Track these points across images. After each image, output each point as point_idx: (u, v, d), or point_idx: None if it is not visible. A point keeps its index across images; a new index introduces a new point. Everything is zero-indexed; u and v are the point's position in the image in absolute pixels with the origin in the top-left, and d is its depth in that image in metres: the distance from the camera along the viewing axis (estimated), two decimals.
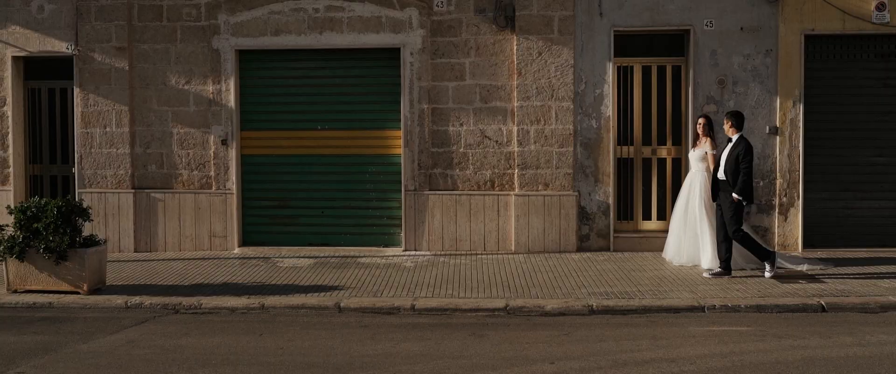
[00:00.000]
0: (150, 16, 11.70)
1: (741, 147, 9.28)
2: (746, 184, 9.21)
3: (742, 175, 9.20)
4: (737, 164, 9.25)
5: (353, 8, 11.37)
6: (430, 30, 11.28)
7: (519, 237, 11.24)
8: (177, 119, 11.73)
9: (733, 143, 9.38)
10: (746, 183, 9.21)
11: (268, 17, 11.49)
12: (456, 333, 7.63)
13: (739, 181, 9.20)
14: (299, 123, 11.72)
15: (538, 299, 8.68)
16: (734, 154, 9.30)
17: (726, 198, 9.35)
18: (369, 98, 11.61)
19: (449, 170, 11.39)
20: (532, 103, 11.17)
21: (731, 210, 9.32)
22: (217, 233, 11.72)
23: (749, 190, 9.27)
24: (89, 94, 11.79)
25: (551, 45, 11.10)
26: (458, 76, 11.30)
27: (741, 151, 9.24)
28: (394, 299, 8.84)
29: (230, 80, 11.57)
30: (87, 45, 11.77)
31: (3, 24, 12.00)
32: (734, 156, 9.29)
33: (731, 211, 9.32)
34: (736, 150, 9.30)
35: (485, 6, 11.23)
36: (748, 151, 9.27)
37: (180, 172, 11.78)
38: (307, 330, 7.81)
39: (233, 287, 9.52)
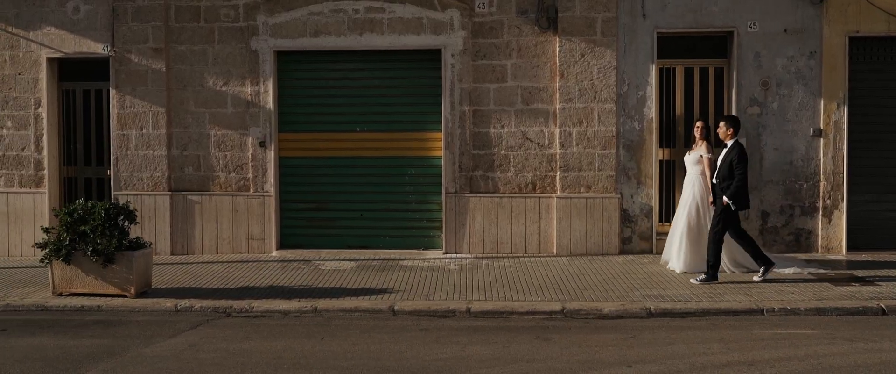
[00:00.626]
0: (188, 17, 11.64)
1: (735, 153, 9.24)
2: (740, 189, 9.19)
3: (736, 180, 9.16)
4: (730, 169, 9.22)
5: (393, 9, 11.32)
6: (471, 31, 11.23)
7: (561, 240, 11.19)
8: (214, 121, 11.66)
9: (728, 148, 9.36)
10: (740, 188, 9.19)
11: (307, 19, 11.43)
12: (520, 336, 7.57)
13: (732, 186, 9.16)
14: (338, 125, 11.66)
15: (595, 302, 8.63)
16: (728, 160, 9.27)
17: (719, 202, 9.36)
18: (409, 100, 11.56)
19: (490, 172, 11.34)
20: (574, 105, 11.12)
21: (722, 214, 9.28)
22: (255, 236, 11.65)
23: (742, 195, 9.25)
24: (125, 95, 11.72)
25: (594, 47, 11.07)
26: (500, 78, 11.26)
27: (735, 157, 9.21)
28: (447, 302, 8.78)
29: (268, 81, 11.51)
30: (123, 46, 11.70)
31: (37, 25, 11.92)
32: (728, 161, 9.27)
33: (723, 215, 9.27)
34: (730, 155, 9.28)
35: (527, 7, 11.19)
36: (742, 156, 9.24)
37: (217, 175, 11.71)
38: (368, 334, 7.75)
39: (280, 290, 9.46)
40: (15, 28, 12.00)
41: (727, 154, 9.32)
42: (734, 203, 9.19)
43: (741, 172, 9.16)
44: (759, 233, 11.03)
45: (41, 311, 8.98)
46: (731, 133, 9.39)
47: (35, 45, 11.96)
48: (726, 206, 9.21)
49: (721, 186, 9.30)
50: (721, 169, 9.35)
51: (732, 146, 9.31)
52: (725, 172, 9.26)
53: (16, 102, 12.05)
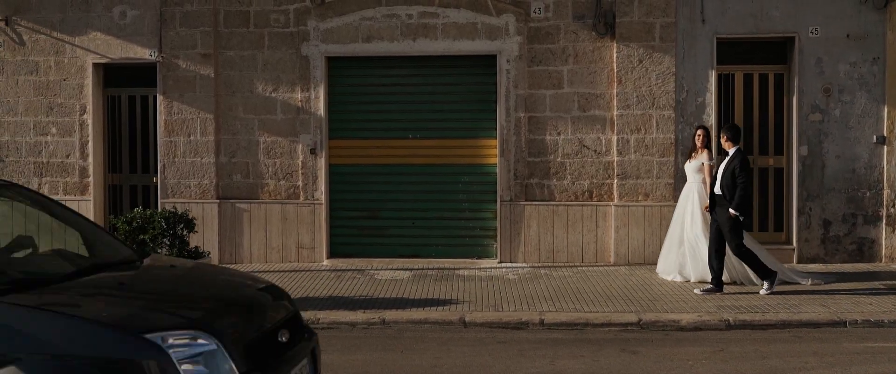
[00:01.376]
0: (237, 22, 11.49)
1: (737, 161, 9.10)
2: (744, 198, 9.05)
3: (739, 189, 9.01)
4: (733, 178, 9.07)
5: (447, 14, 11.18)
6: (527, 36, 11.09)
7: (618, 249, 11.04)
8: (263, 127, 11.51)
9: (729, 157, 9.21)
10: (744, 197, 9.05)
11: (359, 24, 11.29)
12: (604, 349, 7.42)
13: (737, 196, 9.02)
14: (390, 131, 11.51)
15: (670, 314, 8.47)
16: (730, 168, 9.13)
17: (723, 213, 9.18)
18: (463, 106, 11.42)
19: (546, 180, 11.19)
20: (632, 112, 10.97)
21: (728, 225, 9.14)
22: (305, 244, 11.49)
23: (747, 204, 9.11)
24: (173, 101, 11.57)
25: (652, 53, 10.92)
26: (556, 84, 11.11)
27: (737, 165, 9.06)
28: (518, 313, 8.62)
29: (319, 87, 11.36)
30: (171, 51, 11.56)
31: (83, 30, 11.78)
32: (730, 170, 9.12)
33: (729, 226, 9.14)
34: (732, 164, 9.13)
35: (584, 13, 11.05)
36: (744, 164, 9.09)
37: (267, 182, 11.55)
38: (445, 346, 7.60)
39: (341, 301, 9.30)
40: (60, 33, 11.86)
41: (729, 163, 9.18)
42: (741, 213, 9.05)
43: (744, 180, 9.02)
44: (820, 242, 10.88)
45: None
46: (730, 142, 9.24)
47: (80, 50, 11.82)
48: (735, 217, 9.06)
49: (725, 195, 9.15)
50: (723, 178, 9.19)
51: (734, 154, 9.17)
52: (728, 180, 9.11)
53: (61, 109, 11.90)
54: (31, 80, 11.98)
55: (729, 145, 9.27)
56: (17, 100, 12.01)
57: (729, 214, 9.06)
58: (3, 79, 12.03)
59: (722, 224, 9.21)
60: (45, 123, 11.96)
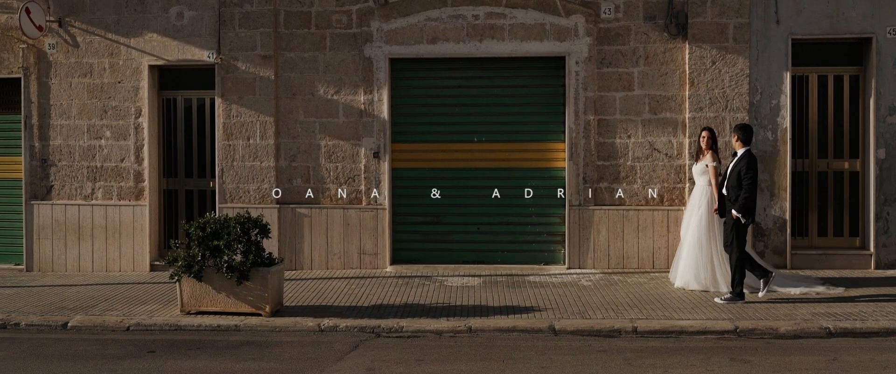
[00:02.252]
0: (298, 23, 11.29)
1: (744, 162, 8.98)
2: (749, 201, 8.90)
3: (744, 191, 8.89)
4: (739, 179, 8.95)
5: (515, 15, 10.98)
6: (596, 38, 10.89)
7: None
8: (325, 131, 11.30)
9: (737, 157, 9.10)
10: (749, 200, 8.90)
11: (424, 25, 11.09)
12: (713, 358, 7.21)
13: (740, 197, 8.89)
14: (454, 134, 11.31)
15: (767, 321, 8.25)
16: (737, 169, 9.02)
17: (729, 215, 9.09)
18: (530, 109, 11.21)
19: (615, 184, 10.97)
20: (705, 114, 10.76)
21: (730, 224, 9.03)
22: (367, 250, 11.27)
23: (751, 207, 8.94)
24: (232, 104, 11.37)
25: (725, 54, 10.71)
26: (626, 86, 10.90)
27: (743, 167, 8.94)
28: (608, 321, 8.40)
29: (383, 89, 11.15)
30: (229, 53, 11.36)
31: (138, 31, 11.59)
32: (737, 171, 9.01)
33: (730, 225, 9.02)
34: (739, 165, 9.02)
35: (655, 13, 10.84)
36: (751, 165, 8.95)
37: (328, 187, 11.34)
38: (545, 355, 7.38)
39: (418, 309, 9.08)
40: (115, 35, 11.67)
41: (736, 164, 9.06)
42: (743, 216, 8.92)
43: (749, 182, 8.89)
44: None
45: (174, 330, 8.61)
46: (740, 142, 9.10)
47: (136, 52, 11.62)
48: (737, 219, 8.93)
49: (730, 196, 9.04)
50: (729, 179, 9.09)
51: (742, 155, 9.05)
52: (734, 181, 9.01)
53: (115, 112, 11.70)
54: (84, 82, 11.78)
55: (739, 146, 9.14)
56: (71, 103, 11.81)
57: (732, 214, 8.96)
58: (56, 81, 11.83)
59: (726, 223, 9.10)
60: (99, 127, 11.76)
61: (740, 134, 9.14)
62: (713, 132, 9.81)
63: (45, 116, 11.86)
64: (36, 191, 11.93)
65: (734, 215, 8.94)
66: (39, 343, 8.13)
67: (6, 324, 8.88)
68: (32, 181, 11.92)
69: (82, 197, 11.83)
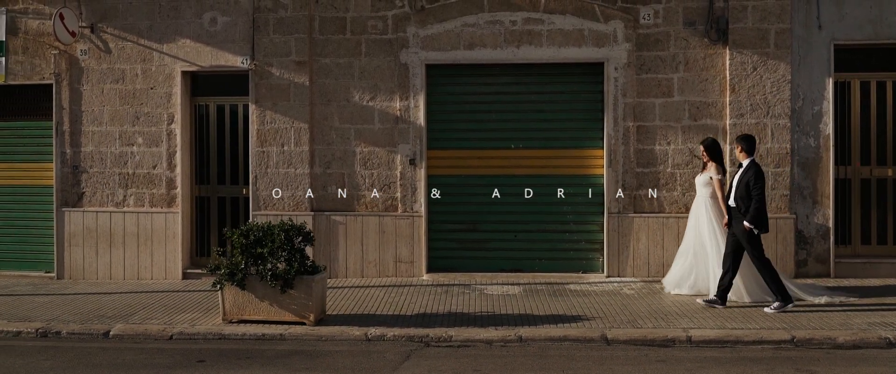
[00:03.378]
0: (333, 28, 11.20)
1: (751, 173, 8.97)
2: (759, 211, 8.89)
3: (754, 202, 8.87)
4: (747, 190, 8.94)
5: (553, 21, 10.89)
6: (635, 43, 10.80)
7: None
8: (360, 137, 11.20)
9: (744, 168, 9.10)
10: (759, 210, 8.89)
11: (461, 30, 11.00)
12: (777, 369, 7.14)
13: (751, 208, 8.87)
14: (491, 141, 11.21)
15: (824, 331, 8.14)
16: (744, 180, 9.01)
17: (739, 226, 9.02)
18: (568, 115, 11.12)
19: (655, 191, 10.86)
20: (746, 121, 10.66)
21: (745, 238, 9.00)
22: (403, 258, 11.15)
23: (762, 217, 8.93)
24: (266, 110, 11.27)
25: (767, 60, 10.62)
26: (666, 92, 10.80)
27: (751, 177, 8.93)
28: (661, 330, 8.29)
29: (419, 96, 11.06)
30: (264, 59, 11.27)
31: (171, 37, 11.50)
32: (744, 182, 8.99)
33: (746, 239, 8.99)
34: (746, 176, 9.01)
35: (695, 19, 10.75)
36: (759, 176, 8.95)
37: (363, 194, 11.23)
38: (604, 365, 7.29)
39: (463, 317, 8.98)
40: (147, 40, 11.59)
41: (743, 174, 9.06)
42: (756, 227, 8.90)
43: (758, 192, 8.89)
44: None
45: (219, 339, 8.51)
46: (744, 153, 9.13)
47: (169, 58, 11.53)
48: (750, 230, 8.90)
49: (739, 207, 9.02)
50: (737, 190, 9.08)
51: (748, 166, 9.06)
52: (742, 192, 8.99)
53: (147, 118, 11.60)
54: (116, 88, 11.69)
55: (743, 156, 9.17)
56: (102, 109, 11.72)
57: (744, 226, 8.91)
58: (88, 87, 11.75)
59: (740, 237, 9.05)
60: (131, 133, 11.66)
61: (744, 145, 9.16)
62: (712, 144, 9.71)
63: (77, 122, 11.76)
64: (67, 198, 11.82)
65: (746, 225, 8.89)
66: (84, 352, 8.03)
67: (47, 332, 8.78)
68: (63, 188, 11.82)
69: (114, 204, 11.73)
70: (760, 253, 9.02)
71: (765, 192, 8.98)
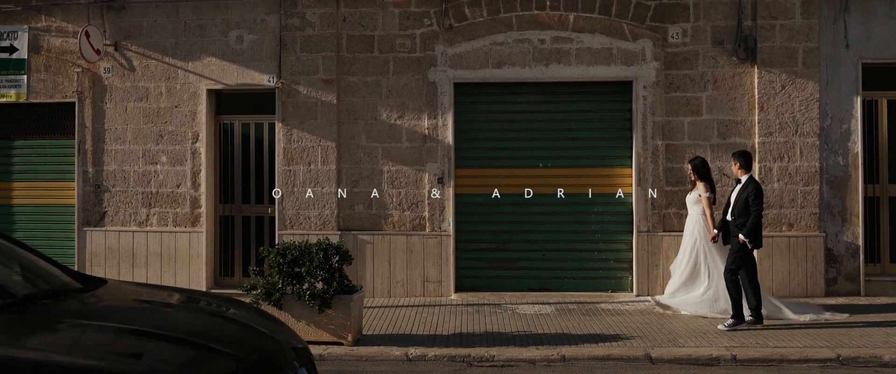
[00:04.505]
0: (360, 47, 11.23)
1: (751, 189, 9.13)
2: (755, 227, 9.04)
3: (752, 218, 9.03)
4: (747, 206, 9.07)
5: (581, 39, 10.95)
6: (664, 62, 10.87)
7: (762, 281, 10.65)
8: (387, 156, 11.19)
9: (742, 184, 9.27)
10: (756, 226, 9.05)
11: (489, 49, 11.04)
12: None
13: (749, 223, 9.02)
14: (519, 160, 11.22)
15: (868, 349, 8.15)
16: (743, 196, 9.15)
17: (735, 241, 9.18)
18: (596, 134, 11.16)
19: (684, 210, 10.87)
20: (775, 139, 10.73)
21: (735, 250, 9.14)
22: (431, 278, 11.12)
23: (757, 233, 9.08)
24: (292, 129, 11.26)
25: (795, 79, 10.71)
26: (694, 111, 10.86)
27: (751, 193, 9.08)
28: (703, 348, 8.31)
29: (447, 114, 11.08)
30: (290, 77, 11.27)
31: (197, 55, 11.50)
32: (744, 198, 9.13)
33: (737, 252, 9.13)
34: (745, 191, 9.16)
35: (723, 38, 10.83)
36: (758, 193, 9.11)
37: (390, 213, 11.20)
38: None
39: (501, 337, 8.96)
40: (173, 59, 11.58)
41: (742, 190, 9.22)
42: (750, 241, 9.03)
43: (757, 208, 9.03)
44: None
45: None
46: (742, 169, 9.30)
47: (194, 76, 11.51)
48: (743, 244, 9.03)
49: (736, 222, 9.16)
50: (736, 205, 9.23)
51: (747, 182, 9.21)
52: (741, 208, 9.14)
53: (171, 137, 11.56)
54: (140, 106, 11.66)
55: (741, 173, 9.33)
56: (126, 127, 11.67)
57: (739, 240, 9.05)
58: (111, 106, 11.71)
59: (732, 250, 9.19)
60: (155, 152, 11.61)
61: (741, 161, 9.33)
62: (700, 163, 9.89)
63: (100, 140, 11.71)
64: (89, 217, 11.75)
65: (741, 239, 9.02)
66: None
67: None
68: (85, 207, 11.74)
69: (136, 223, 11.66)
70: (737, 268, 9.12)
71: (762, 208, 9.10)
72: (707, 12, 10.89)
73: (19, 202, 12.13)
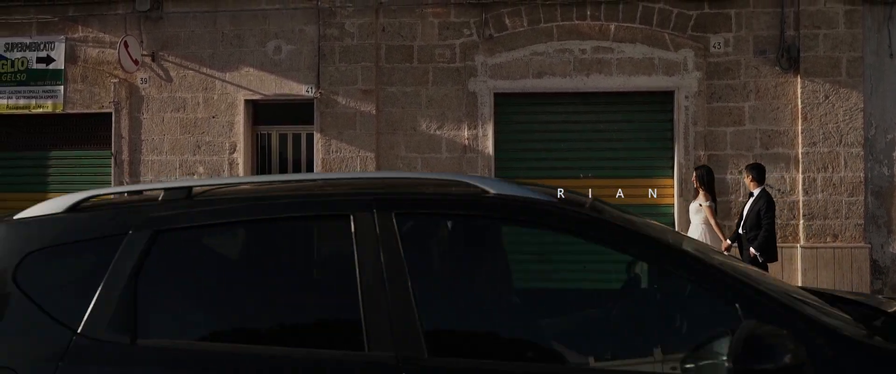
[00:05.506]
0: (399, 57, 11.23)
1: (763, 202, 9.12)
2: (767, 240, 9.02)
3: (764, 230, 9.00)
4: (758, 219, 9.06)
5: (622, 49, 10.94)
6: (705, 72, 10.85)
7: None
8: (427, 166, 11.19)
9: (755, 197, 9.26)
10: (767, 239, 9.02)
11: (530, 59, 11.04)
12: None
13: (760, 236, 9.00)
14: (560, 170, 11.20)
15: None
16: (755, 209, 9.14)
17: (747, 254, 9.17)
18: (636, 144, 11.13)
19: (726, 221, 10.84)
20: (819, 150, 10.69)
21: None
22: None
23: (770, 247, 9.06)
24: (331, 139, 11.25)
25: (839, 88, 10.68)
26: (737, 121, 10.83)
27: (763, 206, 9.07)
28: None
29: (488, 124, 11.07)
30: (329, 87, 11.27)
31: (234, 66, 11.51)
32: (755, 211, 9.13)
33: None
34: (757, 204, 9.15)
35: (766, 47, 10.81)
36: (770, 205, 9.10)
37: None
38: None
39: None
40: (210, 69, 11.60)
41: (754, 203, 9.19)
42: (762, 255, 9.00)
43: (769, 221, 9.01)
44: None
45: None
46: (754, 182, 9.30)
47: (231, 86, 11.52)
48: (754, 258, 9.00)
49: (747, 236, 9.15)
50: (748, 218, 9.22)
51: (759, 195, 9.21)
52: (753, 221, 9.13)
53: (209, 147, 11.57)
54: (177, 117, 11.66)
55: (754, 185, 9.32)
56: (163, 138, 11.68)
57: (750, 253, 9.04)
58: (148, 116, 11.71)
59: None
60: (192, 162, 11.61)
61: (754, 174, 9.32)
62: (704, 172, 9.85)
63: (136, 151, 11.71)
64: None
65: (752, 253, 9.02)
66: None
67: None
68: None
69: None
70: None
71: (774, 221, 9.08)
72: (749, 22, 10.88)
73: None
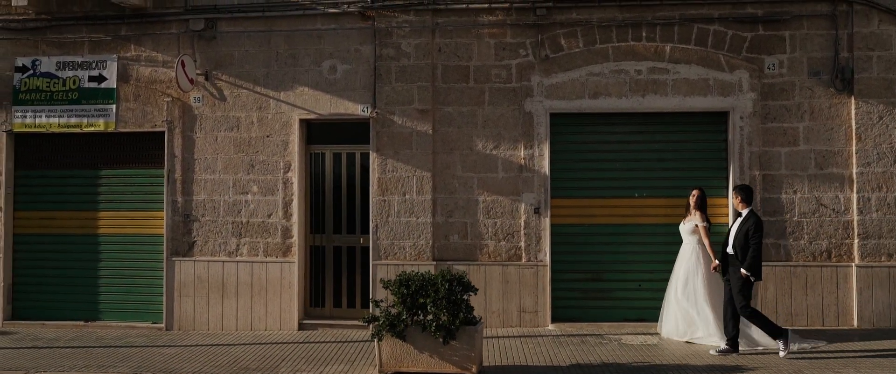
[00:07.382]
0: (455, 77, 11.39)
1: (751, 222, 9.50)
2: (755, 260, 9.40)
3: (752, 251, 9.39)
4: (747, 239, 9.44)
5: (678, 70, 11.14)
6: (760, 93, 11.06)
7: (862, 311, 10.86)
8: (483, 186, 11.32)
9: (743, 218, 9.64)
10: (755, 259, 9.40)
11: (586, 79, 11.22)
12: None
13: (749, 257, 9.38)
14: (615, 190, 11.37)
15: None
16: (744, 229, 9.51)
17: (735, 273, 9.53)
18: (692, 164, 11.33)
19: (782, 240, 11.03)
20: (873, 169, 10.90)
21: (738, 285, 9.49)
22: (527, 308, 11.21)
23: (758, 266, 9.42)
24: (387, 159, 11.38)
25: (892, 109, 10.93)
26: (791, 141, 11.04)
27: (751, 227, 9.46)
28: None
29: (543, 144, 11.23)
30: (385, 107, 11.41)
31: (289, 85, 11.63)
32: (744, 231, 9.50)
33: (739, 286, 9.48)
34: (746, 225, 9.53)
35: (820, 69, 11.04)
36: (758, 226, 9.49)
37: (486, 243, 11.30)
38: None
39: (623, 368, 9.11)
40: (264, 88, 11.71)
41: (743, 224, 9.58)
42: (752, 275, 9.38)
43: (756, 242, 9.39)
44: None
45: None
46: (743, 203, 9.67)
47: (286, 105, 11.64)
48: (746, 278, 9.37)
49: (737, 255, 9.51)
50: (737, 238, 9.57)
51: (748, 215, 9.60)
52: (741, 241, 9.49)
53: (263, 166, 11.66)
54: (231, 136, 11.76)
55: (742, 206, 9.72)
56: (216, 157, 11.77)
57: (740, 273, 9.37)
58: (201, 135, 11.81)
59: (733, 284, 9.55)
60: (246, 182, 11.70)
61: (743, 195, 9.73)
62: (703, 191, 10.36)
63: (189, 170, 11.80)
64: (177, 247, 11.80)
65: (743, 273, 9.35)
66: None
67: None
68: (174, 237, 11.80)
69: (226, 253, 11.72)
70: (748, 302, 9.47)
71: (762, 241, 9.47)
72: (803, 44, 11.10)
73: (106, 232, 12.19)
